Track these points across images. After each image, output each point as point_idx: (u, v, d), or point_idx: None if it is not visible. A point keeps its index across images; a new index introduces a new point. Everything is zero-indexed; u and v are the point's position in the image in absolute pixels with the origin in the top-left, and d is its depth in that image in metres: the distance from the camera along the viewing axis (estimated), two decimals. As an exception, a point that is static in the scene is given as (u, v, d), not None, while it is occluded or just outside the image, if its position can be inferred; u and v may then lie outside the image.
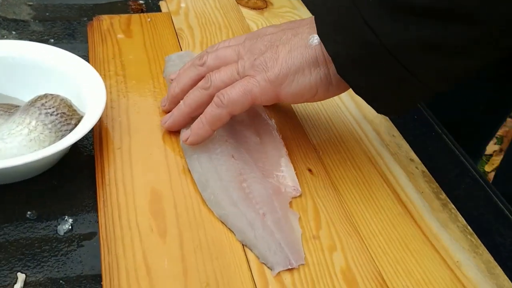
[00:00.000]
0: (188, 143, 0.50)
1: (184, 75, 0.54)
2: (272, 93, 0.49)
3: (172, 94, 0.54)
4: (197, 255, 0.43)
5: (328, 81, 0.48)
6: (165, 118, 0.53)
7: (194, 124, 0.50)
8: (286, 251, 0.43)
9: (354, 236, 0.46)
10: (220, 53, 0.52)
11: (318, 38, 0.47)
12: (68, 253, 0.44)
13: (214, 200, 0.46)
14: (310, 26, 0.49)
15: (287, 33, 0.50)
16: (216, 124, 0.49)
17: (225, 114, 0.49)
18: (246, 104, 0.49)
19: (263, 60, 0.49)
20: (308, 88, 0.48)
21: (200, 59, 0.53)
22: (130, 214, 0.45)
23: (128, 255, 0.42)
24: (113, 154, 0.50)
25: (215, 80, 0.50)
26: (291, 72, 0.47)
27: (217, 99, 0.49)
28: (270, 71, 0.48)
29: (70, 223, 0.46)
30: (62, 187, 0.49)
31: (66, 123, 0.49)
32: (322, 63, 0.47)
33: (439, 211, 0.49)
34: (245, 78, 0.49)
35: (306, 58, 0.47)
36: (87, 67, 0.54)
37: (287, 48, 0.48)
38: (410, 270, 0.44)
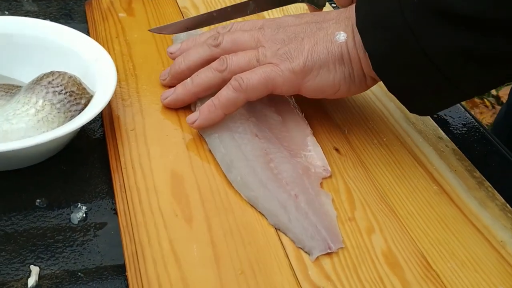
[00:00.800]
0: (195, 126, 0.46)
1: (194, 52, 0.51)
2: (295, 85, 0.47)
3: (176, 70, 0.51)
4: (228, 241, 0.39)
5: (352, 80, 0.47)
6: (165, 93, 0.50)
7: (204, 106, 0.46)
8: (323, 234, 0.40)
9: (391, 216, 0.43)
10: (237, 36, 0.49)
11: (344, 35, 0.46)
12: (84, 243, 0.40)
13: (241, 182, 0.43)
14: (336, 21, 0.47)
15: (312, 26, 0.48)
16: (229, 109, 0.46)
17: (241, 99, 0.46)
18: (265, 92, 0.46)
19: (287, 50, 0.46)
20: (331, 84, 0.47)
21: (214, 39, 0.50)
22: (151, 199, 0.41)
23: (153, 242, 0.38)
24: (126, 136, 0.47)
25: (232, 64, 0.48)
26: (316, 66, 0.46)
27: (236, 82, 0.46)
28: (295, 62, 0.46)
29: (84, 210, 0.42)
30: (73, 172, 0.45)
31: (75, 102, 0.45)
32: (347, 61, 0.46)
33: (475, 190, 0.47)
34: (267, 65, 0.46)
35: (332, 54, 0.46)
36: (94, 44, 0.50)
37: (313, 41, 0.47)
38: (454, 251, 0.41)
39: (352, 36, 0.46)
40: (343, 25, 0.47)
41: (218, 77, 0.48)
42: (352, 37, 0.46)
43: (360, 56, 0.45)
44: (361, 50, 0.45)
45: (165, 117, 0.49)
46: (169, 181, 0.43)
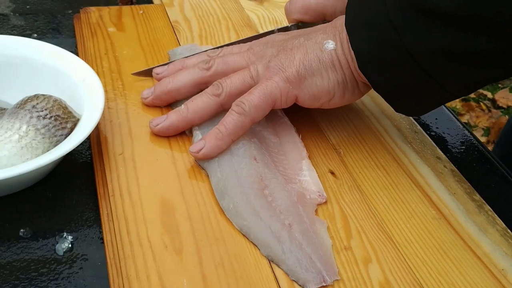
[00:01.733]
0: (201, 155, 0.45)
1: (185, 74, 0.50)
2: (292, 94, 0.47)
3: (163, 89, 0.50)
4: (219, 273, 0.38)
5: (345, 85, 0.47)
6: (156, 120, 0.48)
7: (209, 134, 0.45)
8: (318, 266, 0.38)
9: (389, 244, 0.42)
10: (228, 59, 0.50)
11: (333, 43, 0.46)
12: (70, 275, 0.39)
13: (233, 210, 0.41)
14: (323, 31, 0.48)
15: (299, 39, 0.48)
16: (237, 134, 0.45)
17: (248, 122, 0.45)
18: (267, 108, 0.46)
19: (278, 62, 0.47)
20: (326, 91, 0.47)
21: (206, 63, 0.50)
22: (139, 229, 0.40)
23: (142, 276, 0.37)
24: (114, 161, 0.45)
25: (227, 87, 0.47)
26: (309, 74, 0.46)
27: (238, 107, 0.45)
28: (288, 71, 0.46)
29: (70, 240, 0.41)
30: (58, 199, 0.44)
31: (61, 127, 0.43)
32: (339, 68, 0.46)
33: (475, 214, 0.45)
34: (262, 81, 0.47)
35: (323, 61, 0.46)
36: (81, 64, 0.49)
37: (303, 51, 0.47)
38: (453, 281, 0.40)
39: (340, 43, 0.46)
40: (331, 34, 0.47)
41: (215, 102, 0.47)
42: (340, 44, 0.46)
43: (349, 61, 0.46)
44: (349, 55, 0.46)
45: (155, 140, 0.48)
46: (158, 209, 0.41)
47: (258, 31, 0.65)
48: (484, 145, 0.55)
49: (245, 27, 0.65)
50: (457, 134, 0.56)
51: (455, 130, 0.56)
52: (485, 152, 0.54)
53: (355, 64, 0.45)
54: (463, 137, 0.55)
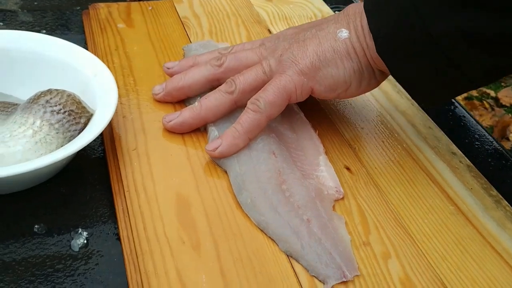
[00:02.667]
0: (218, 154, 0.44)
1: (196, 70, 0.50)
2: (307, 87, 0.46)
3: (174, 86, 0.50)
4: (238, 269, 0.37)
5: (361, 74, 0.46)
6: (170, 116, 0.47)
7: (226, 133, 0.45)
8: (338, 262, 0.38)
9: (407, 240, 0.41)
10: (240, 55, 0.49)
11: (347, 32, 0.45)
12: (86, 272, 0.38)
13: (251, 205, 0.41)
14: (335, 21, 0.47)
15: (311, 30, 0.47)
16: (254, 132, 0.45)
17: (264, 119, 0.45)
18: (283, 104, 0.45)
19: (290, 54, 0.46)
20: (342, 81, 0.46)
21: (218, 60, 0.49)
22: (156, 225, 0.39)
23: (160, 272, 0.36)
24: (128, 156, 0.45)
25: (240, 83, 0.47)
26: (323, 65, 0.45)
27: (253, 105, 0.45)
28: (301, 63, 0.45)
29: (85, 236, 0.40)
30: (72, 195, 0.43)
31: (75, 122, 0.43)
32: (354, 56, 0.45)
33: (493, 209, 0.45)
34: (275, 77, 0.46)
35: (337, 50, 0.45)
36: (92, 59, 0.48)
37: (315, 41, 0.46)
38: (473, 277, 0.39)
39: (354, 31, 0.45)
40: (344, 23, 0.46)
41: (229, 99, 0.47)
42: (355, 31, 0.45)
43: (364, 49, 0.45)
44: (364, 42, 0.45)
45: (169, 135, 0.47)
46: (174, 205, 0.41)
47: (268, 28, 0.64)
48: (498, 141, 0.54)
49: (255, 23, 0.65)
50: (471, 130, 0.55)
51: (469, 125, 0.56)
52: (500, 147, 0.53)
53: (371, 51, 0.44)
54: (477, 132, 0.55)
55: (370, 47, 0.44)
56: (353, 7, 0.47)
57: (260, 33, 0.63)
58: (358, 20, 0.45)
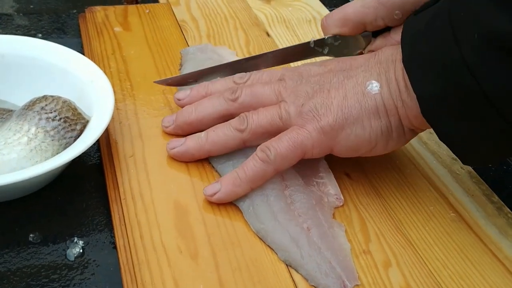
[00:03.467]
0: (215, 200, 0.41)
1: (209, 104, 0.46)
2: (326, 146, 0.42)
3: (185, 120, 0.46)
4: (237, 278, 0.37)
5: (389, 134, 0.42)
6: (173, 143, 0.45)
7: (227, 178, 0.41)
8: (338, 271, 0.37)
9: (408, 248, 0.40)
10: (257, 90, 0.45)
11: (377, 85, 0.41)
12: (82, 282, 0.37)
13: (252, 213, 0.40)
14: (365, 68, 0.43)
15: (338, 76, 0.43)
16: (257, 182, 0.41)
17: (270, 171, 0.41)
18: (294, 159, 0.42)
19: (313, 106, 0.42)
20: (367, 142, 0.42)
21: (232, 93, 0.45)
22: (153, 233, 0.39)
23: (157, 282, 0.36)
24: (125, 163, 0.44)
25: (252, 124, 0.43)
26: (348, 123, 0.41)
27: (262, 154, 0.41)
28: (324, 120, 0.41)
29: (81, 245, 0.40)
30: (68, 203, 0.43)
31: (70, 129, 0.42)
32: (383, 114, 0.41)
33: (495, 216, 0.44)
34: (293, 129, 0.42)
35: (365, 107, 0.41)
36: (89, 64, 0.48)
37: (341, 93, 0.42)
38: (475, 285, 0.39)
39: (386, 85, 0.41)
40: (374, 73, 0.42)
41: (237, 137, 0.43)
42: (387, 85, 0.41)
43: (397, 106, 0.41)
44: (399, 99, 0.41)
45: (166, 141, 0.46)
46: (172, 213, 0.40)
47: (266, 31, 0.64)
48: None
49: (253, 26, 0.64)
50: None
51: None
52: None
53: (408, 110, 0.40)
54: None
55: (408, 105, 0.40)
56: (386, 52, 0.43)
57: (259, 36, 0.62)
58: (392, 70, 0.41)
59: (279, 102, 0.43)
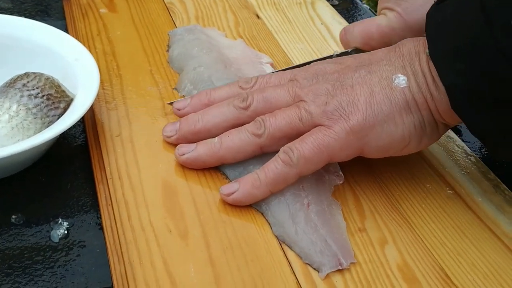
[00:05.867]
0: (231, 200, 0.38)
1: (217, 112, 0.42)
2: (355, 147, 0.39)
3: (191, 129, 0.42)
4: (228, 257, 0.35)
5: (423, 130, 0.39)
6: (183, 148, 0.41)
7: (246, 179, 0.39)
8: (333, 249, 0.36)
9: (404, 225, 0.39)
10: (270, 94, 0.41)
11: (405, 79, 0.39)
12: (67, 263, 0.36)
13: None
14: (388, 62, 0.40)
15: (359, 71, 0.40)
16: (278, 186, 0.38)
17: (293, 174, 0.38)
18: (320, 163, 0.39)
19: (337, 104, 0.39)
20: (400, 139, 0.39)
21: (243, 100, 0.42)
22: (141, 213, 0.37)
23: (145, 262, 0.34)
24: (111, 143, 0.43)
25: (270, 127, 0.39)
26: (379, 121, 0.38)
27: (285, 155, 0.38)
28: (352, 119, 0.38)
29: (66, 227, 0.38)
30: (52, 183, 0.41)
31: (53, 106, 0.41)
32: (415, 109, 0.39)
33: (491, 193, 0.43)
34: (319, 130, 0.38)
35: (395, 102, 0.38)
36: (73, 42, 0.46)
37: (367, 89, 0.39)
38: (474, 262, 0.38)
39: (413, 78, 0.39)
40: (399, 66, 0.40)
41: (254, 142, 0.40)
42: (414, 79, 0.39)
43: (428, 100, 0.38)
44: (427, 92, 0.38)
45: (154, 121, 0.45)
46: (160, 193, 0.39)
47: (256, 13, 0.62)
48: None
49: (242, 8, 0.63)
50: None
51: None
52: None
53: (438, 103, 0.38)
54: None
55: (437, 98, 0.38)
56: (408, 45, 0.40)
57: (248, 18, 0.61)
58: (417, 63, 0.39)
59: (296, 103, 0.40)
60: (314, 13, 0.63)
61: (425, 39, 0.39)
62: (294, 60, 0.55)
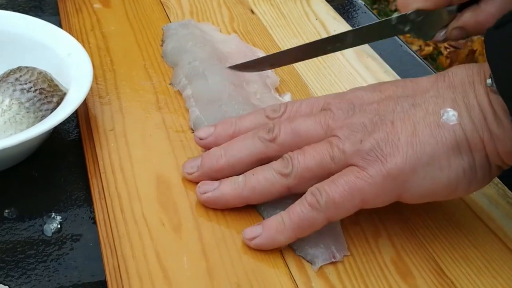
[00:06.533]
0: (254, 244, 0.35)
1: (241, 145, 0.38)
2: (392, 193, 0.35)
3: (213, 166, 0.38)
4: (221, 250, 0.35)
5: (473, 174, 0.35)
6: (205, 186, 0.38)
7: (270, 222, 0.35)
8: (327, 241, 0.36)
9: (398, 219, 0.39)
10: (299, 126, 0.38)
11: (455, 114, 0.34)
12: (60, 257, 0.36)
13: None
14: (435, 94, 0.36)
15: (402, 103, 0.36)
16: (304, 231, 0.35)
17: (321, 219, 0.35)
18: (351, 209, 0.35)
19: (375, 144, 0.35)
20: (446, 185, 0.35)
21: (269, 132, 0.38)
22: (134, 207, 0.37)
23: (138, 255, 0.34)
24: (105, 137, 0.42)
25: (299, 167, 0.36)
26: (421, 164, 0.34)
27: (312, 198, 0.35)
28: (390, 162, 0.34)
29: (59, 221, 0.38)
30: (45, 178, 0.41)
31: (46, 101, 0.40)
32: (466, 150, 0.34)
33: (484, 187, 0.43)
34: (351, 171, 0.35)
35: (442, 142, 0.34)
36: (66, 37, 0.46)
37: (409, 126, 0.35)
38: (467, 255, 0.38)
39: (467, 113, 0.34)
40: (448, 98, 0.35)
41: (281, 183, 0.36)
42: (467, 113, 0.34)
43: (484, 140, 0.34)
44: (485, 130, 0.34)
45: (148, 115, 0.45)
46: (153, 186, 0.39)
47: (250, 8, 0.62)
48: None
49: (237, 4, 0.62)
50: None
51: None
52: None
53: (498, 142, 0.34)
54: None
55: (499, 137, 0.34)
56: (459, 73, 0.36)
57: (243, 13, 0.61)
58: (472, 95, 0.35)
59: (328, 138, 0.36)
60: (309, 8, 0.63)
61: (479, 67, 0.36)
62: (288, 55, 0.55)
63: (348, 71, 0.53)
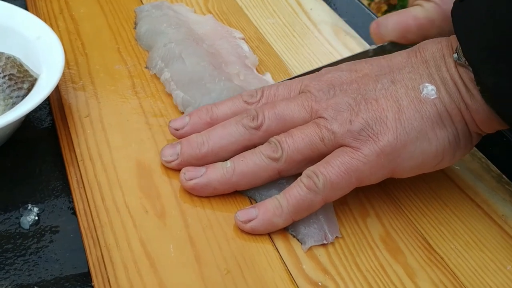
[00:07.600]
0: (249, 228, 0.34)
1: (224, 133, 0.37)
2: (386, 170, 0.36)
3: (195, 153, 0.37)
4: (209, 236, 0.34)
5: (457, 143, 0.36)
6: (190, 173, 0.36)
7: (266, 204, 0.35)
8: (321, 222, 0.35)
9: (386, 198, 0.39)
10: (282, 110, 0.37)
11: (433, 89, 0.35)
12: (39, 250, 0.34)
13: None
14: (411, 69, 0.36)
15: (381, 80, 0.36)
16: (301, 214, 0.35)
17: (318, 201, 0.35)
18: (347, 189, 0.35)
19: (364, 123, 0.35)
20: (433, 156, 0.36)
21: (253, 119, 0.37)
22: (115, 194, 0.36)
23: (122, 244, 0.33)
24: (80, 124, 0.41)
25: (288, 150, 0.35)
26: (411, 139, 0.35)
27: (309, 180, 0.34)
28: (382, 140, 0.35)
29: (36, 212, 0.36)
30: (19, 169, 0.39)
31: (16, 87, 0.38)
32: (448, 122, 0.36)
33: (468, 162, 0.43)
34: (345, 152, 0.35)
35: (426, 116, 0.35)
36: (34, 20, 0.44)
37: (394, 103, 0.35)
38: (455, 230, 0.37)
39: (443, 87, 0.35)
40: (424, 73, 0.36)
41: (271, 167, 0.36)
42: (444, 87, 0.35)
43: (462, 110, 0.35)
44: (461, 102, 0.35)
45: (124, 100, 0.43)
46: (134, 172, 0.37)
47: None
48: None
49: (214, -17, 0.61)
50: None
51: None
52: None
53: (474, 113, 0.35)
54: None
55: (472, 108, 0.35)
56: (429, 48, 0.37)
57: (219, -7, 0.59)
58: (444, 69, 0.36)
59: (314, 119, 0.36)
60: (284, -13, 0.62)
61: (447, 41, 0.37)
62: (265, 35, 0.54)
63: (326, 49, 0.52)
